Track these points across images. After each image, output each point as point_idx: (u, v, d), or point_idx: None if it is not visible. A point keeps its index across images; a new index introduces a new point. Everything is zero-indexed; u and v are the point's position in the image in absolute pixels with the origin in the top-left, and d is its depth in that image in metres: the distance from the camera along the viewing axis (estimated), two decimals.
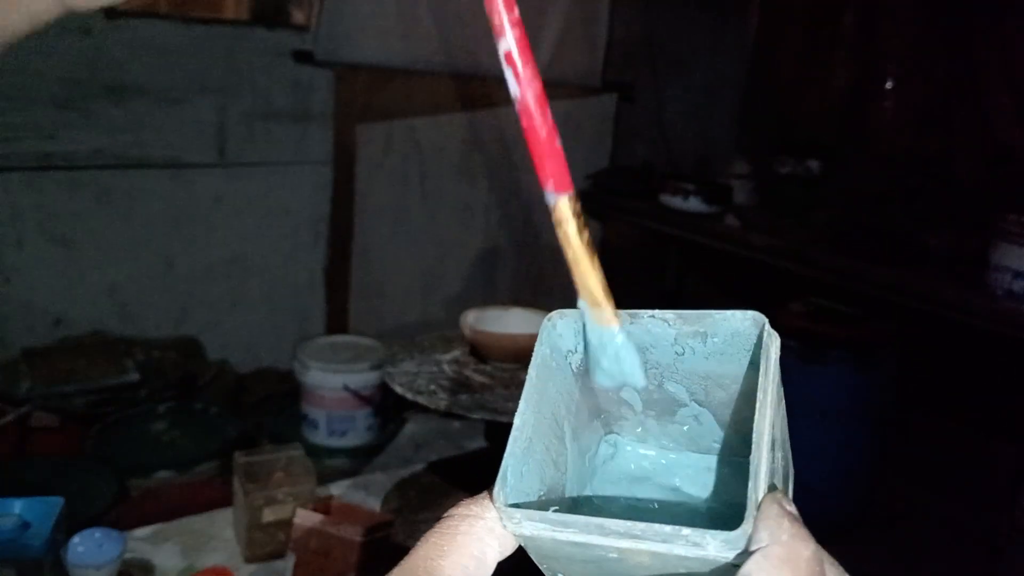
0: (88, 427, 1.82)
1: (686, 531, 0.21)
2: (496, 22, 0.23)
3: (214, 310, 2.19)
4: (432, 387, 1.04)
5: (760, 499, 0.21)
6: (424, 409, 1.07)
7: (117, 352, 1.99)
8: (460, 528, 0.22)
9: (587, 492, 0.29)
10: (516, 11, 0.23)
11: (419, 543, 0.22)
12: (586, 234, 0.25)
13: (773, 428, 0.24)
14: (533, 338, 0.28)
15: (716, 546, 0.21)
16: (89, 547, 0.91)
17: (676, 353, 0.27)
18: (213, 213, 2.12)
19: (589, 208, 2.71)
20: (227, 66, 2.02)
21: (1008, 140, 2.20)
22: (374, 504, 1.13)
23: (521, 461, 0.24)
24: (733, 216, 2.34)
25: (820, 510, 2.16)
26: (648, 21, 2.69)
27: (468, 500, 0.23)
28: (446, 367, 1.10)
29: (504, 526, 0.22)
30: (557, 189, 0.24)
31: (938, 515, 2.22)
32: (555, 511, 0.22)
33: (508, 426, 0.25)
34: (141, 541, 1.04)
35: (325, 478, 1.18)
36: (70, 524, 0.92)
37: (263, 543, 1.01)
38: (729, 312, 0.26)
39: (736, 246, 2.26)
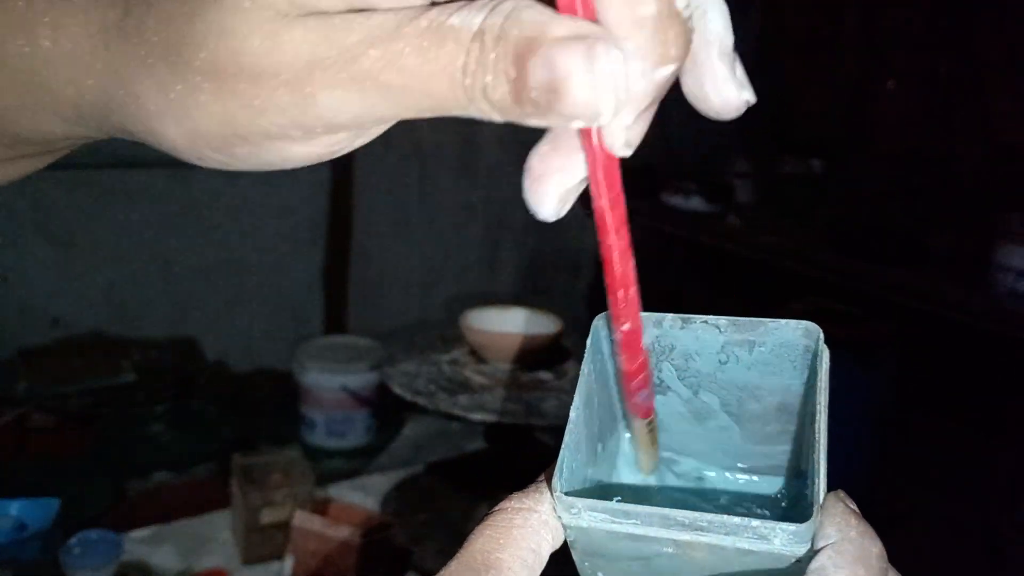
0: (85, 428, 1.82)
1: (755, 523, 0.20)
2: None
3: (212, 310, 2.18)
4: (431, 388, 1.03)
5: (822, 498, 0.22)
6: (423, 410, 1.06)
7: (115, 352, 1.98)
8: (515, 521, 0.22)
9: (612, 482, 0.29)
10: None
11: (473, 536, 0.22)
12: (653, 435, 0.28)
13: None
14: (533, 338, 0.29)
15: (783, 539, 0.20)
16: (86, 549, 0.90)
17: (720, 362, 0.27)
18: (211, 213, 2.12)
19: (589, 208, 2.70)
20: None
21: (1011, 139, 2.19)
22: (373, 505, 1.12)
23: (574, 455, 0.24)
24: (735, 215, 2.34)
25: None
26: None
27: (519, 493, 0.23)
28: (445, 367, 1.09)
29: (559, 518, 0.23)
30: (637, 415, 0.27)
31: (939, 515, 2.21)
32: (618, 501, 0.22)
33: (508, 426, 0.26)
34: (138, 543, 1.03)
35: (323, 479, 1.17)
36: (67, 526, 0.92)
37: (261, 545, 1.01)
38: (783, 321, 0.26)
39: (738, 245, 2.26)
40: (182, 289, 2.13)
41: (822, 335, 0.25)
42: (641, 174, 2.65)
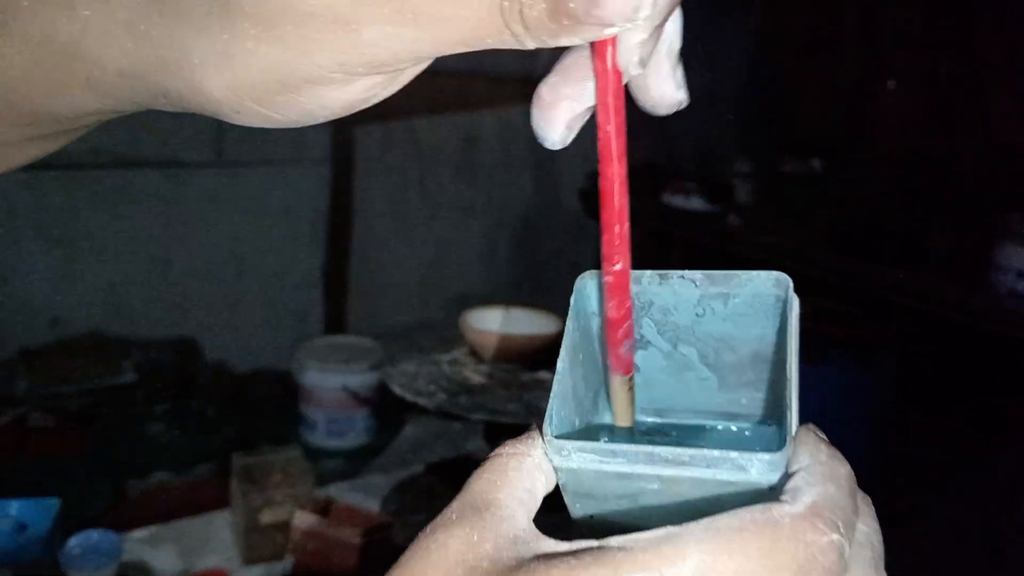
0: (85, 428, 1.82)
1: (733, 454, 0.22)
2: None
3: (212, 310, 2.18)
4: (431, 388, 1.03)
5: (795, 430, 0.23)
6: (423, 410, 1.06)
7: (114, 352, 1.98)
8: (510, 464, 0.24)
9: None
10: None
11: (472, 479, 0.24)
12: (631, 395, 0.28)
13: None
14: (533, 338, 0.29)
15: (759, 468, 0.22)
16: (86, 549, 0.90)
17: (696, 315, 0.28)
18: (211, 212, 2.11)
19: (590, 208, 2.70)
20: None
21: (1011, 139, 2.19)
22: (373, 506, 1.12)
23: (563, 403, 0.25)
24: (735, 215, 2.34)
25: None
26: None
27: (514, 440, 0.25)
28: (445, 367, 1.09)
29: (551, 461, 0.24)
30: (616, 370, 0.28)
31: (939, 515, 2.21)
32: (605, 441, 0.23)
33: (508, 426, 0.27)
34: (138, 543, 1.03)
35: (323, 479, 1.17)
36: (67, 525, 0.92)
37: (261, 545, 1.01)
38: (755, 272, 0.28)
39: (738, 245, 2.26)
40: (182, 289, 2.13)
41: (791, 284, 0.27)
42: (641, 174, 2.66)
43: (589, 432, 0.29)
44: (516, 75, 2.16)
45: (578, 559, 0.20)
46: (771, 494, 0.22)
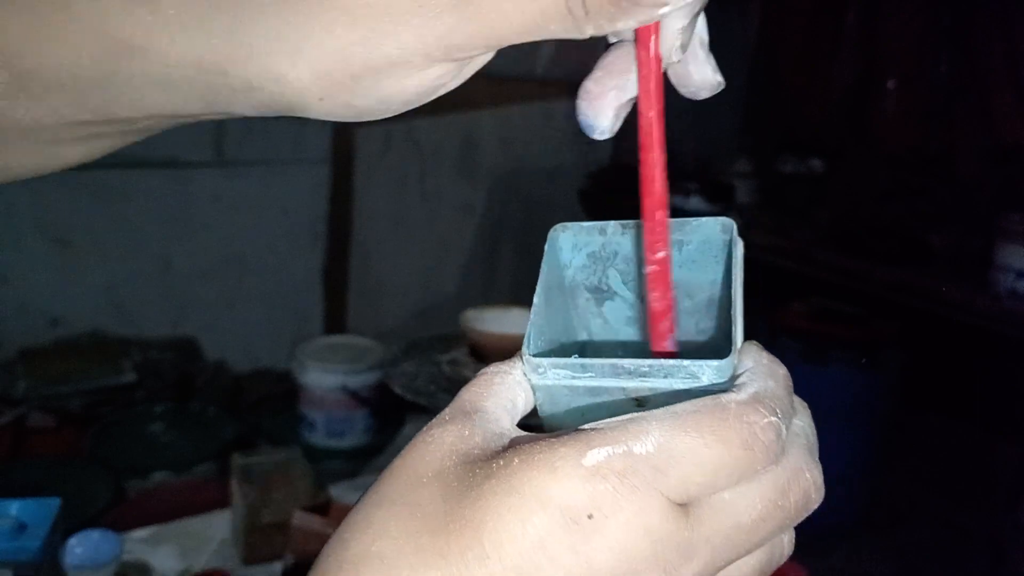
0: (85, 428, 1.81)
1: (686, 363, 0.24)
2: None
3: (211, 310, 2.18)
4: (431, 388, 1.03)
5: (740, 344, 0.26)
6: (423, 410, 1.06)
7: (114, 352, 1.98)
8: (495, 380, 0.27)
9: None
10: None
11: (462, 391, 0.26)
12: None
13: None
14: None
15: (709, 375, 0.24)
16: (86, 549, 0.90)
17: None
18: (211, 212, 2.11)
19: (590, 208, 2.70)
20: None
21: (1012, 138, 2.19)
22: None
23: (539, 332, 0.28)
24: (735, 215, 2.34)
25: (822, 510, 2.16)
26: None
27: (499, 362, 0.27)
28: (445, 367, 1.09)
29: (529, 380, 0.27)
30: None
31: (941, 515, 2.21)
32: (575, 357, 0.26)
33: None
34: (138, 543, 1.03)
35: (323, 480, 1.17)
36: (67, 525, 0.92)
37: (261, 545, 1.01)
38: (703, 219, 0.29)
39: None
40: (182, 289, 2.13)
41: (735, 227, 0.29)
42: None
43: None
44: (516, 76, 2.16)
45: (556, 438, 0.22)
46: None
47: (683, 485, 0.22)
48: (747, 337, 0.28)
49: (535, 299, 0.28)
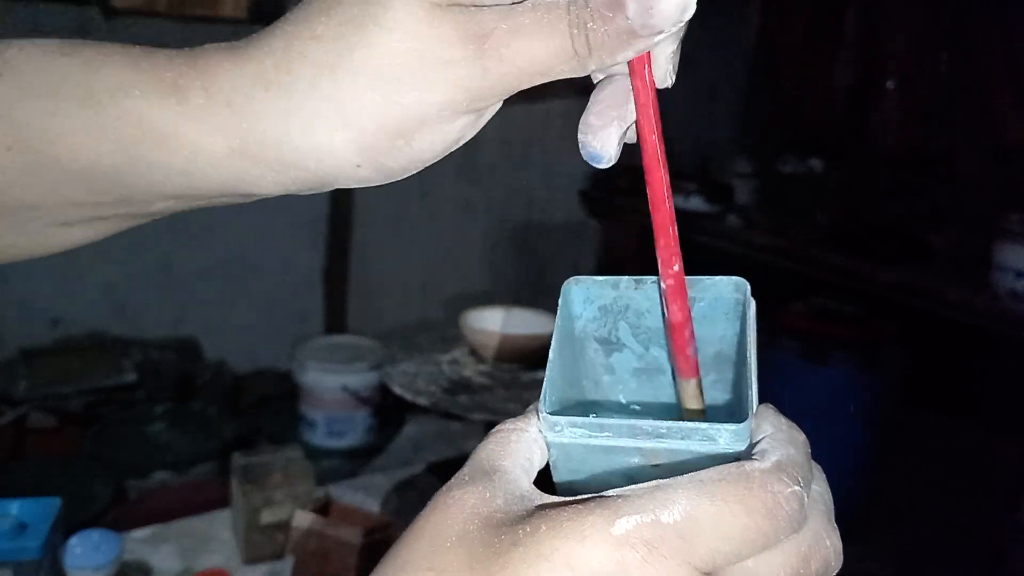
0: (86, 428, 1.82)
1: (704, 425, 0.25)
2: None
3: (212, 310, 2.18)
4: (431, 388, 1.03)
5: (756, 408, 0.26)
6: (423, 410, 1.06)
7: (115, 352, 1.98)
8: (512, 438, 0.27)
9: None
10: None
11: (479, 449, 0.27)
12: (702, 397, 0.31)
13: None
14: (533, 338, 0.31)
15: (727, 438, 0.25)
16: (86, 548, 0.90)
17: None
18: (211, 212, 2.10)
19: (590, 208, 2.70)
20: None
21: (1012, 138, 2.19)
22: (373, 506, 1.12)
23: (553, 388, 0.28)
24: (735, 215, 2.34)
25: None
26: None
27: (513, 419, 0.28)
28: (445, 367, 1.09)
29: (544, 437, 0.27)
30: (684, 376, 0.30)
31: (941, 515, 2.21)
32: (594, 416, 0.26)
33: None
34: (139, 542, 1.03)
35: (323, 479, 1.17)
36: (67, 525, 0.92)
37: (261, 545, 1.01)
38: (717, 278, 0.30)
39: (738, 245, 2.26)
40: (182, 289, 2.13)
41: (749, 288, 0.30)
42: (641, 174, 2.65)
43: (579, 412, 0.31)
44: None
45: (583, 504, 0.23)
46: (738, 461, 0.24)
47: (710, 554, 0.22)
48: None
49: (550, 354, 0.29)
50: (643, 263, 0.31)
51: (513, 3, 0.26)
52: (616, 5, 0.25)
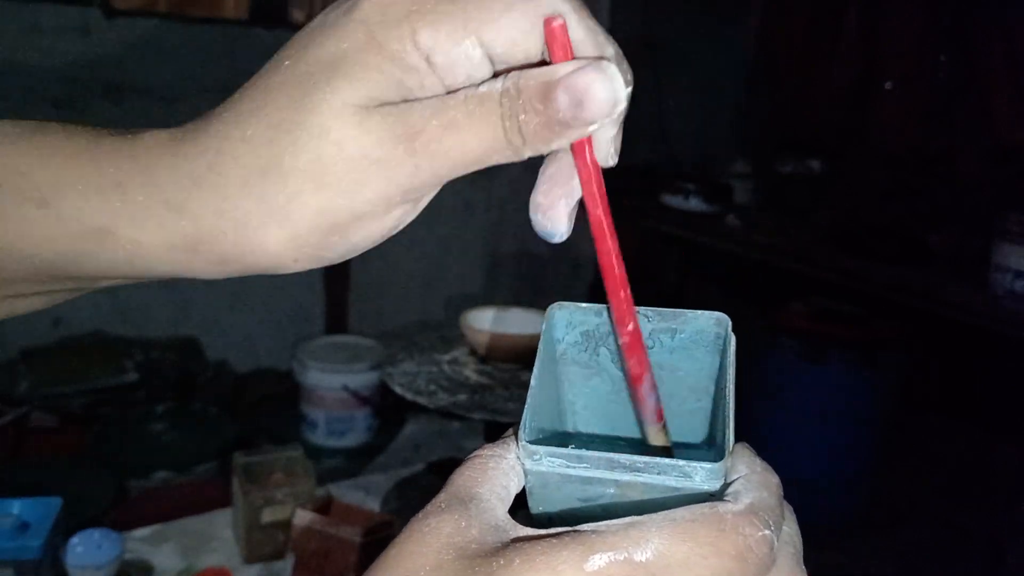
0: (87, 428, 1.82)
1: (680, 463, 0.25)
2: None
3: (213, 310, 2.19)
4: (432, 387, 1.03)
5: (732, 446, 0.27)
6: (424, 409, 1.07)
7: (116, 352, 1.99)
8: (489, 464, 0.27)
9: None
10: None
11: (455, 475, 0.27)
12: (668, 438, 0.32)
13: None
14: (533, 338, 0.32)
15: (702, 476, 0.25)
16: (88, 548, 0.91)
17: (648, 346, 0.31)
18: None
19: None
20: (227, 65, 2.02)
21: (1011, 138, 2.19)
22: (373, 505, 1.13)
23: (534, 415, 0.28)
24: (734, 216, 2.34)
25: (822, 510, 2.16)
26: (648, 21, 2.68)
27: (491, 444, 0.28)
28: (446, 367, 1.10)
29: (523, 464, 0.27)
30: (649, 421, 0.31)
31: (940, 515, 2.21)
32: (574, 447, 0.26)
33: (508, 426, 0.29)
34: (140, 542, 1.03)
35: (324, 479, 1.17)
36: (69, 525, 0.92)
37: (262, 544, 1.01)
38: (699, 312, 0.31)
39: (738, 246, 2.26)
40: (183, 289, 2.13)
41: (730, 323, 0.31)
42: (641, 175, 2.66)
43: (556, 439, 0.32)
44: None
45: (557, 539, 0.23)
46: (711, 499, 0.25)
47: None
48: (746, 339, 0.29)
49: (533, 380, 0.29)
50: (643, 263, 0.31)
51: (447, 93, 0.26)
52: (547, 98, 0.25)
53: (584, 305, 0.32)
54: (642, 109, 2.81)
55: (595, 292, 2.73)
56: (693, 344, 0.31)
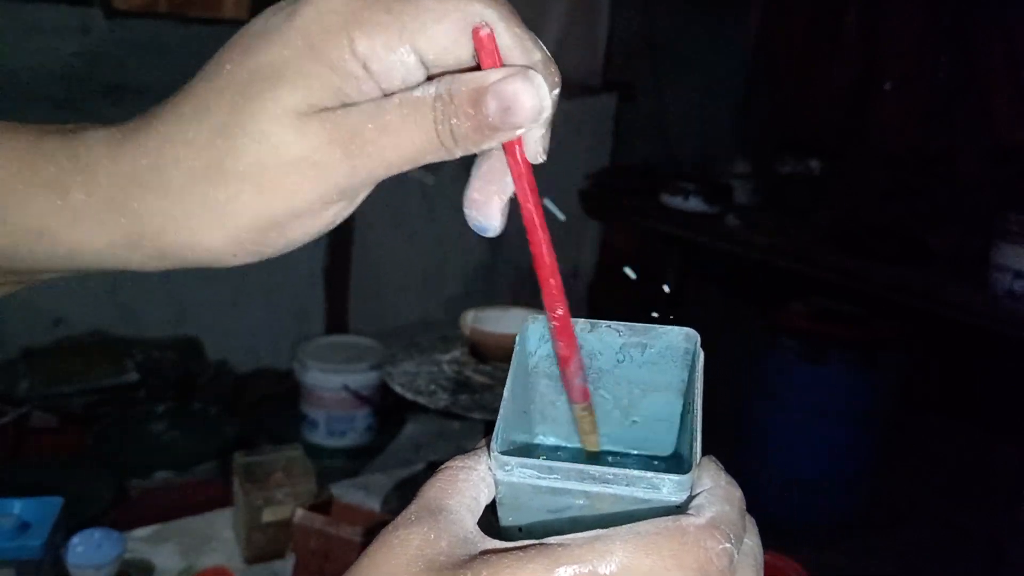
0: (87, 427, 1.82)
1: (649, 474, 0.26)
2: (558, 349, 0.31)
3: (213, 310, 2.19)
4: (432, 387, 1.03)
5: (699, 460, 0.27)
6: (424, 409, 1.07)
7: (116, 352, 1.99)
8: (460, 476, 0.27)
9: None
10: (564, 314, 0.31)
11: (426, 487, 0.27)
12: (593, 419, 0.33)
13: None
14: None
15: (670, 488, 0.26)
16: (88, 547, 0.91)
17: (618, 360, 0.33)
18: None
19: (590, 208, 2.70)
20: None
21: (1010, 138, 2.19)
22: (374, 504, 1.13)
23: (506, 426, 0.29)
24: (734, 216, 2.34)
25: (822, 509, 2.16)
26: (648, 21, 2.68)
27: (462, 455, 0.28)
28: (446, 367, 1.10)
29: (494, 475, 0.27)
30: (575, 400, 0.32)
31: (940, 515, 2.21)
32: (544, 458, 0.27)
33: None
34: (140, 541, 1.04)
35: (325, 478, 1.17)
36: (69, 524, 0.92)
37: (263, 543, 1.01)
38: (670, 327, 0.32)
39: (737, 246, 2.26)
40: (184, 289, 2.13)
41: (699, 339, 0.31)
42: (641, 175, 2.66)
43: (526, 450, 0.33)
44: None
45: (523, 552, 0.23)
46: (677, 511, 0.26)
47: None
48: (746, 339, 0.29)
49: (505, 392, 0.30)
50: (642, 263, 0.32)
51: (383, 97, 0.27)
52: (477, 103, 0.27)
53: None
54: (642, 109, 2.81)
55: (595, 293, 2.73)
56: (663, 359, 0.32)
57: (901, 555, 2.05)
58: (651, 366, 0.32)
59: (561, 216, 0.34)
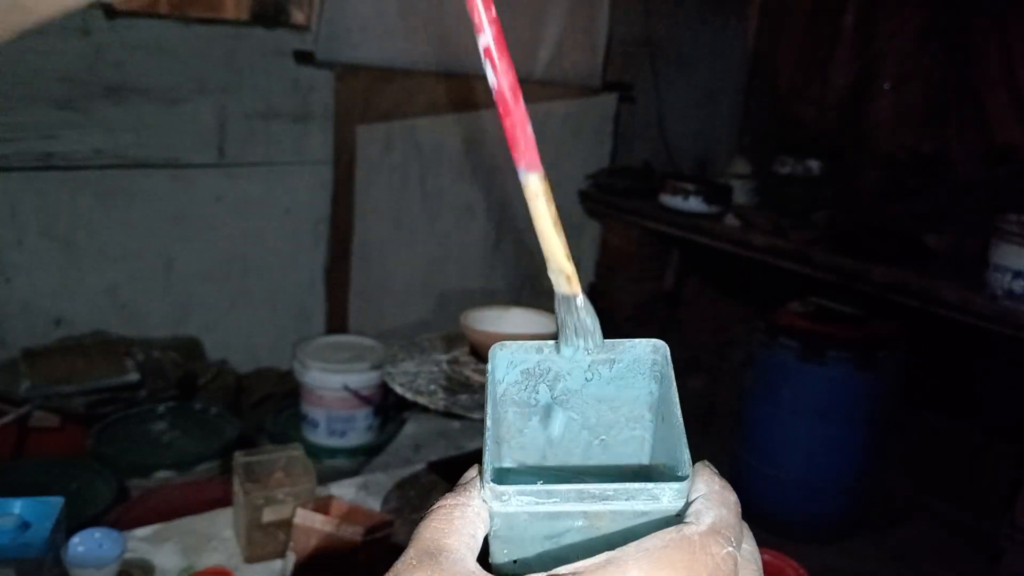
0: (88, 427, 1.82)
1: (649, 485, 0.25)
2: (476, 20, 0.27)
3: (214, 310, 2.19)
4: (432, 387, 1.04)
5: (690, 463, 0.27)
6: (424, 409, 1.07)
7: (117, 352, 1.99)
8: (455, 514, 0.27)
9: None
10: (493, 10, 0.27)
11: (422, 527, 0.27)
12: (553, 209, 0.30)
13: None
14: (533, 338, 0.30)
15: (670, 496, 0.26)
16: (89, 547, 0.91)
17: (586, 379, 0.32)
18: (213, 213, 2.12)
19: (589, 208, 2.71)
20: (227, 66, 2.02)
21: (1007, 139, 2.20)
22: (374, 504, 1.13)
23: (493, 455, 0.28)
24: (733, 216, 2.34)
25: (821, 509, 2.17)
26: (648, 21, 2.69)
27: (451, 493, 0.28)
28: (446, 367, 1.10)
29: (489, 507, 0.27)
30: (529, 168, 0.30)
31: (938, 515, 2.22)
32: (542, 483, 0.26)
33: None
34: (141, 541, 1.04)
35: (325, 478, 1.18)
36: (70, 524, 0.92)
37: (263, 543, 1.01)
38: (637, 340, 0.32)
39: (736, 246, 2.26)
40: (184, 289, 2.13)
41: (668, 349, 0.31)
42: (640, 175, 2.66)
43: (500, 475, 0.33)
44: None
45: None
46: (675, 520, 0.25)
47: None
48: (746, 339, 0.29)
49: (487, 419, 0.29)
50: (644, 264, 0.32)
51: None
52: None
53: (526, 343, 0.32)
54: (642, 109, 2.81)
55: (595, 293, 2.73)
56: (630, 373, 0.32)
57: (900, 554, 2.06)
58: (619, 381, 0.32)
59: None
